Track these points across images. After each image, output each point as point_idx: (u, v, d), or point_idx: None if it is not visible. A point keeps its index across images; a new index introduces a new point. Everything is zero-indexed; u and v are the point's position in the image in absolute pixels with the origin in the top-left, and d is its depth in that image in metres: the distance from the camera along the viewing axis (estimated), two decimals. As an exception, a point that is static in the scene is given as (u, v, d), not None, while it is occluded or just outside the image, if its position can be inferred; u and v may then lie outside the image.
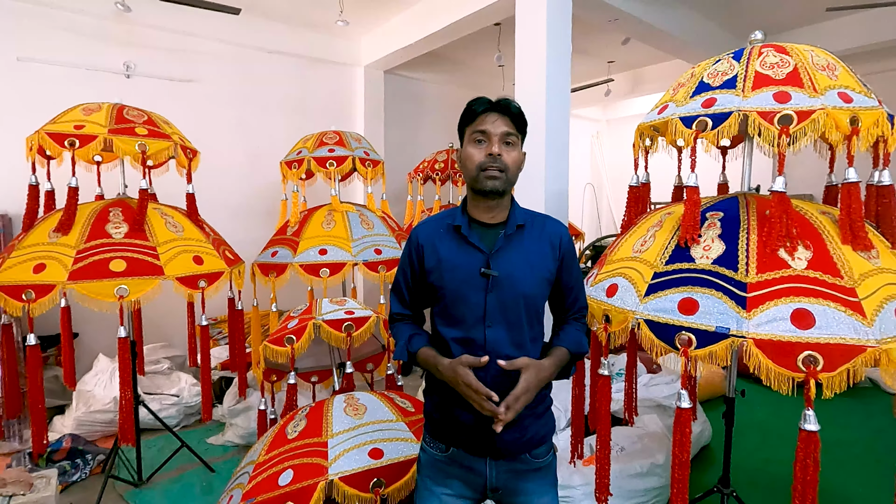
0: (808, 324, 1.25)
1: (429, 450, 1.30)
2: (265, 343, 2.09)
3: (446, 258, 1.21)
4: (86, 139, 2.20)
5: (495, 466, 1.21)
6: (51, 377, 3.23)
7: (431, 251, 1.23)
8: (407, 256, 1.30)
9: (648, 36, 4.48)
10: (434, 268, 1.22)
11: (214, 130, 4.37)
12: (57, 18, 3.64)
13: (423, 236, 1.26)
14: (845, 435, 3.15)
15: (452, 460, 1.25)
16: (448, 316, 1.22)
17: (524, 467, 1.23)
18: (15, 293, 2.01)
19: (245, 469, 1.70)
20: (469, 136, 1.21)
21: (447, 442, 1.25)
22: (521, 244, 1.22)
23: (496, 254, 1.19)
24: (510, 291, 1.18)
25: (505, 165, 1.17)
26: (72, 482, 2.66)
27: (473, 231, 1.22)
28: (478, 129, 1.18)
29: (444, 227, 1.25)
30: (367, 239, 3.00)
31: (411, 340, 1.27)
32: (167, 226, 2.38)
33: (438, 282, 1.21)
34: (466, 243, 1.21)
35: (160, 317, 3.81)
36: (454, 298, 1.20)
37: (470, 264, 1.19)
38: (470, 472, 1.23)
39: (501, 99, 1.20)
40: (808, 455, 1.26)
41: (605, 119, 8.92)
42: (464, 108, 1.22)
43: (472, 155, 1.19)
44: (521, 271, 1.20)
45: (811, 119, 1.33)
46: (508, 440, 1.19)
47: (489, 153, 1.16)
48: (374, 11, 4.54)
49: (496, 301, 1.18)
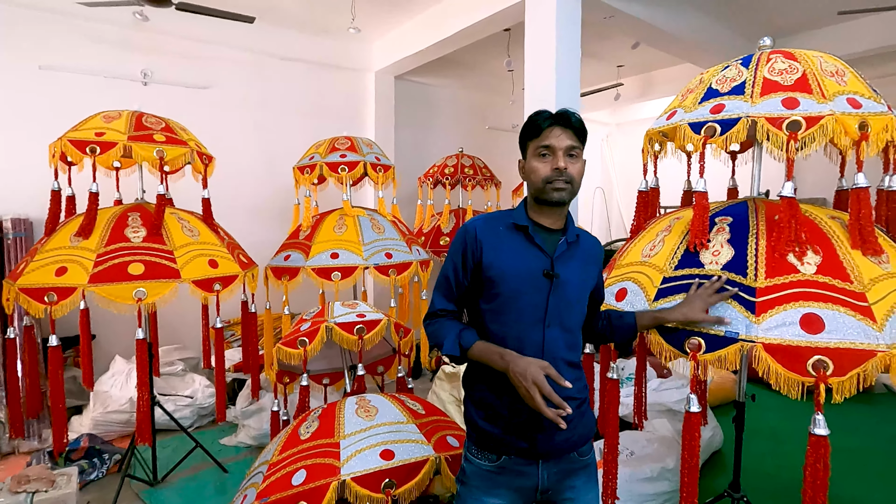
0: (818, 328, 1.25)
1: (475, 461, 1.27)
2: (278, 345, 2.13)
3: (509, 255, 1.22)
4: (106, 146, 2.27)
5: (546, 468, 1.23)
6: (68, 378, 3.30)
7: (491, 246, 1.23)
8: (461, 250, 1.26)
9: (658, 40, 4.48)
10: (494, 263, 1.22)
11: (229, 136, 4.45)
12: (77, 27, 3.74)
13: (482, 231, 1.25)
14: (859, 441, 3.11)
15: (503, 469, 1.24)
16: (502, 314, 1.22)
17: (572, 466, 1.27)
18: (38, 295, 2.08)
19: (259, 469, 1.74)
20: (533, 150, 1.23)
21: (498, 452, 1.24)
22: (577, 253, 1.27)
23: (559, 258, 1.23)
24: (567, 296, 1.22)
25: (570, 177, 1.20)
26: (89, 481, 2.71)
27: (537, 233, 1.25)
28: (542, 143, 1.20)
29: (505, 226, 1.26)
30: (378, 243, 3.04)
31: (462, 335, 1.23)
32: (183, 230, 2.43)
33: (499, 278, 1.21)
34: (532, 244, 1.23)
35: (174, 319, 3.88)
36: (513, 296, 1.21)
37: (534, 264, 1.22)
38: (521, 478, 1.24)
39: (562, 111, 1.22)
40: (819, 459, 1.26)
41: (614, 123, 8.90)
42: (525, 121, 1.25)
43: (538, 169, 1.21)
44: (578, 278, 1.25)
45: (819, 125, 1.33)
46: (560, 440, 1.21)
47: (555, 167, 1.19)
48: (386, 18, 4.60)
49: (556, 302, 1.21)
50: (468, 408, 1.30)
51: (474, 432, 1.28)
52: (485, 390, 1.25)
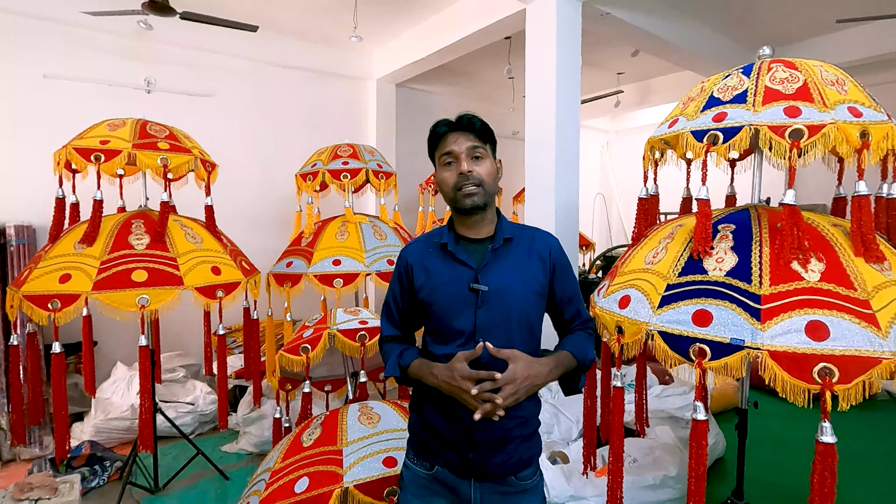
0: (823, 336, 1.25)
1: (413, 467, 1.27)
2: (280, 352, 2.13)
3: (435, 275, 1.21)
4: (111, 154, 2.28)
5: (480, 488, 1.19)
6: (70, 384, 3.29)
7: (420, 269, 1.24)
8: (396, 277, 1.30)
9: (657, 48, 4.52)
10: (423, 286, 1.22)
11: (231, 143, 4.48)
12: (81, 37, 3.77)
13: (412, 256, 1.27)
14: (862, 448, 3.10)
15: (436, 479, 1.22)
16: (439, 333, 1.22)
17: (510, 489, 1.21)
18: (41, 302, 2.08)
19: (261, 476, 1.73)
20: (439, 161, 1.22)
21: (431, 460, 1.23)
22: (509, 258, 1.22)
23: (484, 268, 1.19)
24: (501, 306, 1.17)
25: (479, 179, 1.18)
26: (90, 488, 2.70)
27: (461, 247, 1.23)
28: (444, 151, 1.20)
29: (432, 246, 1.25)
30: (380, 250, 3.04)
31: (402, 355, 1.26)
32: (187, 237, 2.44)
33: (429, 299, 1.21)
34: (454, 260, 1.21)
35: (176, 325, 3.87)
36: (444, 315, 1.19)
37: (459, 280, 1.19)
38: (454, 494, 1.21)
39: (460, 115, 1.21)
40: (826, 467, 1.26)
41: (614, 130, 8.95)
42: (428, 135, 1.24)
43: (446, 178, 1.20)
44: (512, 285, 1.19)
45: (822, 133, 1.34)
46: (494, 463, 1.17)
47: (460, 172, 1.17)
48: (387, 27, 4.63)
49: (487, 316, 1.17)
50: (411, 415, 1.31)
51: (414, 439, 1.28)
52: (427, 406, 1.23)
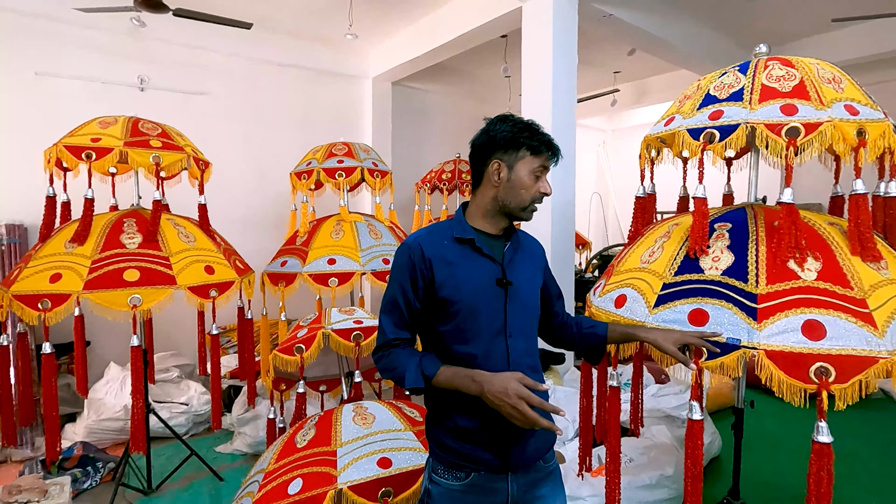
0: (820, 335, 1.25)
1: (443, 482, 1.20)
2: (275, 352, 2.11)
3: (460, 270, 1.16)
4: (102, 151, 2.25)
5: (515, 480, 1.20)
6: (62, 385, 3.26)
7: (441, 264, 1.16)
8: (409, 272, 1.17)
9: (654, 47, 4.52)
10: (446, 282, 1.15)
11: (225, 142, 4.45)
12: (74, 34, 3.73)
13: (429, 248, 1.17)
14: (857, 447, 3.10)
15: (472, 487, 1.18)
16: (462, 332, 1.16)
17: (538, 475, 1.24)
18: (31, 302, 2.05)
19: (255, 478, 1.71)
20: (531, 167, 1.18)
21: (467, 468, 1.18)
22: (522, 255, 1.26)
23: (508, 264, 1.20)
24: (523, 301, 1.21)
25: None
26: (82, 490, 2.67)
27: (483, 242, 1.21)
28: (541, 164, 1.19)
29: (449, 239, 1.20)
30: (376, 249, 3.03)
31: (423, 363, 1.14)
32: (179, 236, 2.41)
33: (453, 296, 1.14)
34: (480, 255, 1.19)
35: (169, 325, 3.84)
36: (471, 311, 1.15)
37: (486, 275, 1.18)
38: (491, 495, 1.19)
39: (554, 143, 1.22)
40: (822, 467, 1.25)
41: (610, 129, 8.95)
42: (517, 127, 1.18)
43: (530, 187, 1.19)
44: (528, 281, 1.24)
45: (819, 131, 1.34)
46: (530, 450, 1.19)
47: (544, 192, 1.20)
48: (383, 25, 4.61)
49: (514, 310, 1.18)
50: (434, 429, 1.23)
51: (443, 452, 1.20)
52: (456, 416, 1.17)
